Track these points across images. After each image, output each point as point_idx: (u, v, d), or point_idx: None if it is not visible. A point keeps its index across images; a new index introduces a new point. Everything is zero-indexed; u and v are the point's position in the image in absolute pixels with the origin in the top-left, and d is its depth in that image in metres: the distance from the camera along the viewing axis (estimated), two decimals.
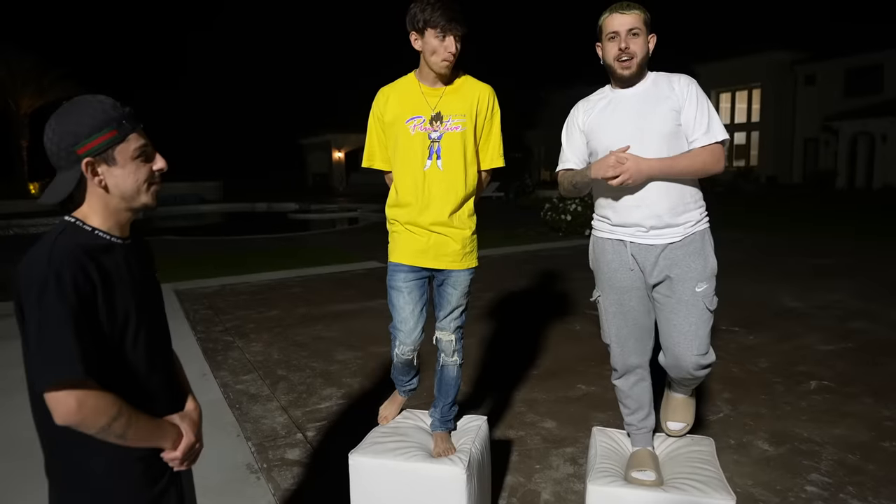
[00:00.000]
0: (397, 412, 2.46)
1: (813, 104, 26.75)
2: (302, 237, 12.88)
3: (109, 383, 1.09)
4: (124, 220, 1.21)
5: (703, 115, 1.97)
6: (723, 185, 22.78)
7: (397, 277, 2.21)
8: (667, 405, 2.33)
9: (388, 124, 2.19)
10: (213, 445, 3.00)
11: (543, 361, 4.15)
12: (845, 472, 2.61)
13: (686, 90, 1.99)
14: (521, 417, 3.27)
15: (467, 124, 2.14)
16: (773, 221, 12.95)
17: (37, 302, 1.04)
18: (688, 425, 2.29)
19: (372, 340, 4.67)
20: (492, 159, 2.27)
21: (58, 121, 1.13)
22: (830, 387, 3.58)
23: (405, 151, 2.16)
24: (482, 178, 2.30)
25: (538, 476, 2.66)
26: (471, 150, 2.17)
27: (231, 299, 6.31)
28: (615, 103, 2.05)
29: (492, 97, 2.21)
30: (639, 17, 1.96)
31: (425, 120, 2.13)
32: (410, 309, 2.20)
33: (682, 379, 2.16)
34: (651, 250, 2.02)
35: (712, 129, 1.97)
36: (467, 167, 2.17)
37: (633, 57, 1.96)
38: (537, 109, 32.59)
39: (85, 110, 1.13)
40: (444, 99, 2.14)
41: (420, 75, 2.18)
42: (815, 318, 5.06)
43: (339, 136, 33.99)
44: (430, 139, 2.13)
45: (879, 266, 7.29)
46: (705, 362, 2.06)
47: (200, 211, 22.83)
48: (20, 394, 1.34)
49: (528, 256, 8.81)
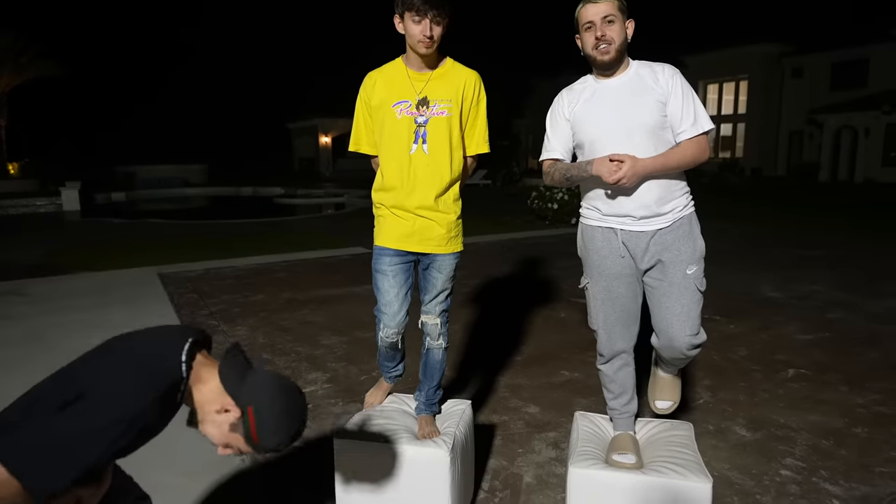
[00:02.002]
0: (383, 398, 2.48)
1: (799, 97, 26.96)
2: (288, 222, 12.82)
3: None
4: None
5: (689, 106, 2.00)
6: (708, 177, 22.97)
7: (382, 261, 2.22)
8: (654, 385, 2.40)
9: (375, 108, 2.20)
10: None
11: (528, 347, 4.20)
12: (818, 457, 2.68)
13: (671, 81, 2.00)
14: (504, 402, 3.31)
15: (453, 110, 2.15)
16: (758, 212, 13.10)
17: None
18: (674, 403, 2.37)
19: (358, 325, 4.68)
20: (477, 145, 2.28)
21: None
22: (807, 375, 3.66)
23: (391, 135, 2.17)
24: (468, 163, 2.31)
25: (521, 459, 2.70)
26: (456, 135, 2.18)
27: (216, 283, 6.28)
28: (599, 94, 2.05)
29: (478, 83, 2.21)
30: (612, 5, 1.96)
31: (411, 104, 2.14)
32: (395, 292, 2.22)
33: (674, 359, 2.20)
34: (642, 237, 2.05)
35: (699, 121, 2.00)
36: (452, 152, 2.18)
37: (611, 43, 1.97)
38: (525, 98, 32.54)
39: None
40: (430, 84, 2.15)
41: (407, 60, 2.18)
42: (795, 308, 5.15)
43: (327, 120, 33.71)
44: (416, 123, 2.14)
45: (861, 258, 7.43)
46: (698, 342, 2.11)
47: (185, 194, 22.61)
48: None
49: (514, 244, 8.85)
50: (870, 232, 9.75)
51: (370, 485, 2.13)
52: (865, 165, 23.56)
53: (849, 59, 25.33)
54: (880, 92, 23.52)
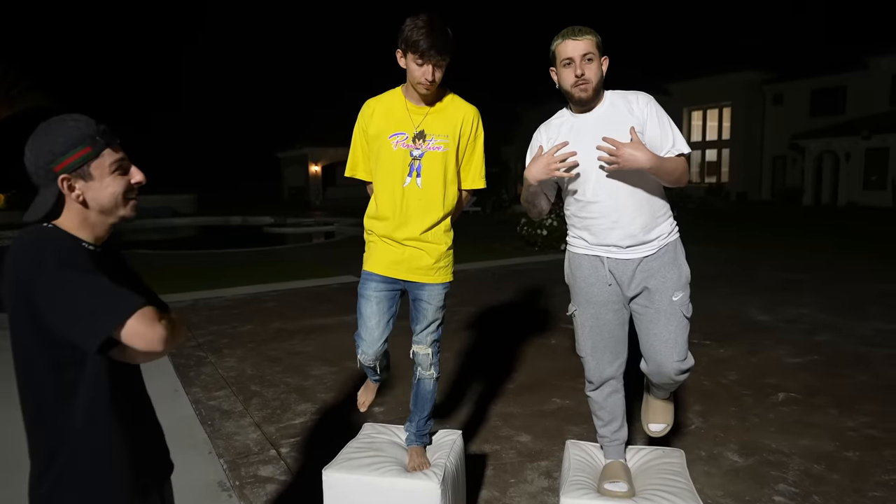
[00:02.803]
0: (374, 396, 2.56)
1: (781, 123, 27.47)
2: (278, 251, 12.76)
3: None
4: (101, 232, 1.26)
5: (667, 131, 2.03)
6: (694, 202, 23.23)
7: (368, 286, 2.23)
8: (647, 408, 2.40)
9: (372, 137, 2.21)
10: (185, 463, 2.95)
11: (519, 375, 4.18)
12: (811, 482, 2.67)
13: (646, 109, 2.03)
14: (496, 431, 3.28)
15: (450, 145, 2.16)
16: (745, 236, 13.24)
17: (56, 270, 1.08)
18: (668, 426, 2.36)
19: (347, 355, 4.64)
20: (473, 180, 2.29)
21: (35, 140, 1.18)
22: (797, 398, 3.67)
23: (386, 166, 2.18)
24: (462, 197, 2.31)
25: (513, 490, 2.67)
26: (451, 170, 2.19)
27: (204, 314, 6.22)
28: (577, 129, 2.06)
29: (476, 119, 2.22)
30: (591, 42, 1.99)
31: (408, 137, 2.15)
32: (377, 320, 2.22)
33: (664, 384, 2.21)
34: (628, 264, 2.07)
35: (677, 144, 2.03)
36: (447, 187, 2.18)
37: (590, 82, 1.99)
38: (513, 125, 32.96)
39: (60, 129, 1.18)
40: (428, 118, 2.16)
41: (406, 91, 2.19)
42: (783, 331, 5.18)
43: (317, 149, 33.83)
44: (412, 156, 2.15)
45: (846, 280, 7.50)
46: (685, 367, 2.12)
47: (174, 224, 22.48)
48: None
49: (505, 271, 8.86)
50: (854, 254, 9.87)
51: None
52: (848, 189, 23.95)
53: (827, 86, 25.93)
54: (858, 118, 24.06)
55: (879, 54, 23.89)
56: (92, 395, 1.16)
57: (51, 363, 1.14)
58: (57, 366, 1.14)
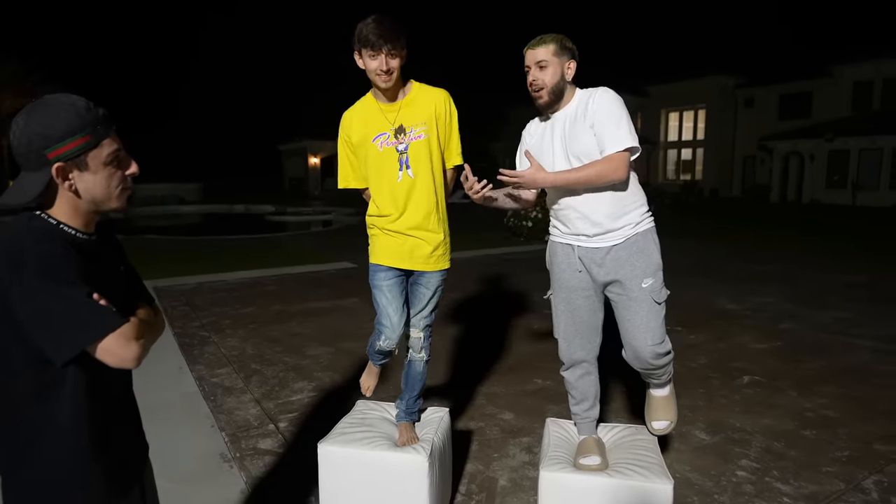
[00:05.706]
0: (377, 379, 2.52)
1: (751, 125, 27.59)
2: (278, 238, 12.68)
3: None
4: (90, 220, 1.14)
5: (612, 125, 1.93)
6: (670, 198, 23.34)
7: (378, 277, 2.23)
8: (649, 406, 2.33)
9: (357, 146, 2.20)
10: (188, 435, 2.94)
11: (503, 357, 4.19)
12: (771, 458, 2.71)
13: (597, 104, 1.96)
14: (481, 409, 3.29)
15: (429, 131, 2.14)
16: (718, 230, 13.32)
17: (34, 279, 0.97)
18: (671, 423, 2.28)
19: (343, 337, 4.64)
20: (453, 158, 2.28)
21: (28, 120, 1.03)
22: (761, 381, 3.70)
23: (377, 168, 2.17)
24: (448, 177, 2.31)
25: (496, 464, 2.68)
26: (436, 154, 2.19)
27: (208, 296, 6.18)
28: (550, 128, 2.09)
29: (447, 101, 2.20)
30: (548, 50, 1.97)
31: (389, 135, 2.14)
32: (394, 307, 2.22)
33: (645, 370, 2.18)
34: (597, 252, 2.07)
35: (618, 138, 1.92)
36: (434, 171, 2.18)
37: (543, 87, 1.99)
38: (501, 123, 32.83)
39: (58, 112, 1.03)
40: (402, 112, 2.14)
41: (375, 94, 2.17)
42: (749, 319, 5.23)
43: (316, 142, 33.58)
44: (399, 152, 2.14)
45: (810, 273, 7.57)
46: (661, 350, 2.11)
47: (180, 211, 22.29)
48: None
49: (492, 259, 8.87)
50: (818, 248, 9.96)
51: (353, 489, 2.09)
52: (811, 187, 24.15)
53: (794, 91, 26.04)
54: (823, 122, 24.23)
55: (843, 63, 24.06)
56: (70, 393, 1.05)
57: (28, 357, 1.02)
58: (35, 360, 1.02)
